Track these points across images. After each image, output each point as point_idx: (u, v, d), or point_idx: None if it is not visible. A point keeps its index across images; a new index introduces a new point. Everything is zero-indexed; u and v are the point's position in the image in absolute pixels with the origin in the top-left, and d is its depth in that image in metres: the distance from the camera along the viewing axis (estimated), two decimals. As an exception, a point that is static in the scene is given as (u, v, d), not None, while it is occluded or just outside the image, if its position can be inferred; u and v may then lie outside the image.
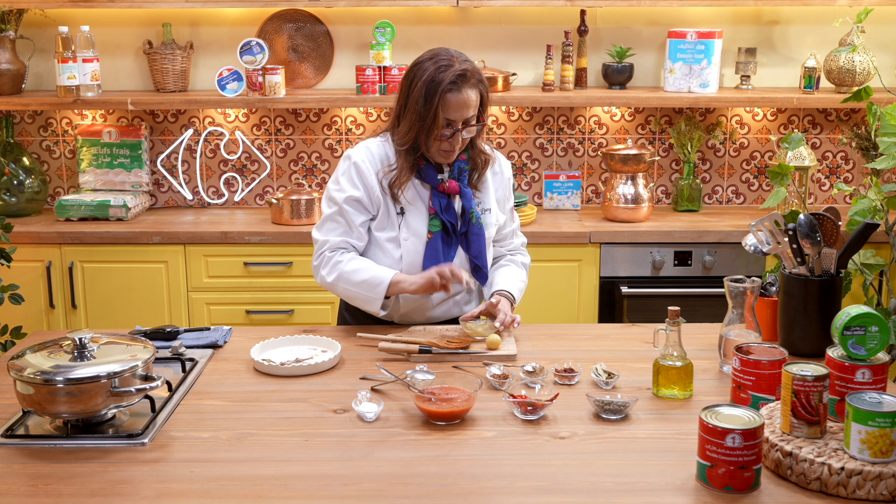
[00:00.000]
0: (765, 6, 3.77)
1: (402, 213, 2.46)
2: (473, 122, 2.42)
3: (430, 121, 2.36)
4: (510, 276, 2.58)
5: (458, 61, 2.38)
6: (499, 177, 2.60)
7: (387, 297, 2.42)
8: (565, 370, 2.11)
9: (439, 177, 2.46)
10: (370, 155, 2.46)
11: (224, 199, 3.97)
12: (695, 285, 3.53)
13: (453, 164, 2.47)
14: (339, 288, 2.45)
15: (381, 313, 2.44)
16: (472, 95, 2.38)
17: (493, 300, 2.44)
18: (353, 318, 2.59)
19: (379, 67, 3.70)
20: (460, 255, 2.48)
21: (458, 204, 2.48)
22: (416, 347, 2.25)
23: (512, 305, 2.49)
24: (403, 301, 2.48)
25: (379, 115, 3.92)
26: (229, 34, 3.86)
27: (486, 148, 2.56)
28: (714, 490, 1.61)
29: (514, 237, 2.69)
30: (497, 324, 2.34)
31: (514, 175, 3.95)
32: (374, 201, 2.45)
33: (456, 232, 2.46)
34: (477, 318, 2.39)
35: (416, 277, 2.39)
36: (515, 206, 3.57)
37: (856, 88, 3.51)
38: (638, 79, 3.89)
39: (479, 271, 2.50)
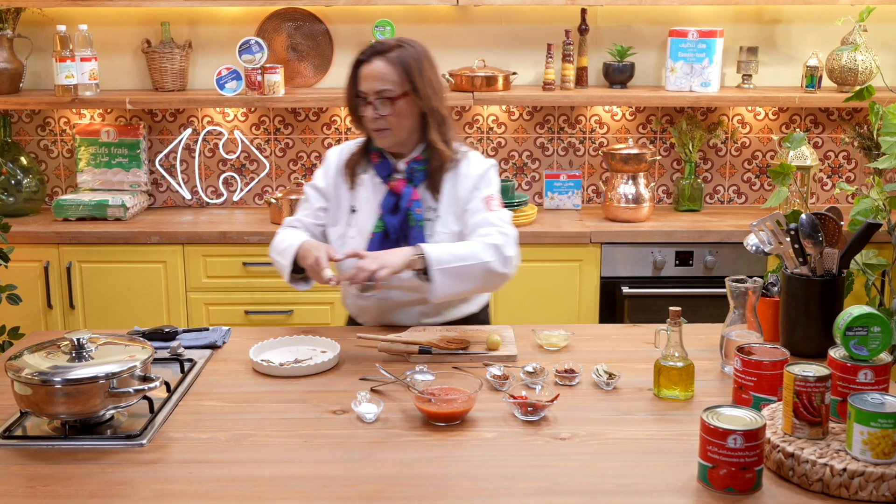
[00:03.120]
0: (766, 5, 3.76)
1: (354, 211, 2.46)
2: (388, 96, 2.33)
3: (347, 95, 2.40)
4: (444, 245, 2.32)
5: (389, 40, 2.39)
6: (462, 178, 2.41)
7: (305, 273, 2.38)
8: (566, 371, 2.10)
9: (390, 175, 2.42)
10: (340, 150, 2.53)
11: (223, 199, 3.96)
12: (696, 285, 3.52)
13: (409, 163, 2.41)
14: (272, 259, 2.48)
15: (300, 287, 2.43)
16: (382, 67, 2.33)
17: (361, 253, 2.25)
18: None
19: (379, 66, 3.69)
20: None
21: None
22: (416, 348, 2.24)
23: (424, 271, 2.25)
24: (351, 302, 2.51)
25: (379, 115, 3.91)
26: (228, 33, 3.85)
27: (456, 146, 2.44)
28: (715, 491, 1.60)
29: (485, 226, 2.36)
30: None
31: (515, 175, 3.94)
32: (330, 191, 2.49)
33: (400, 235, 2.38)
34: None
35: (313, 252, 2.30)
36: (517, 205, 3.58)
37: (858, 87, 3.50)
38: (639, 78, 3.88)
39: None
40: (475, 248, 2.29)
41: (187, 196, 3.93)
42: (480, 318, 2.59)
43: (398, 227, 2.39)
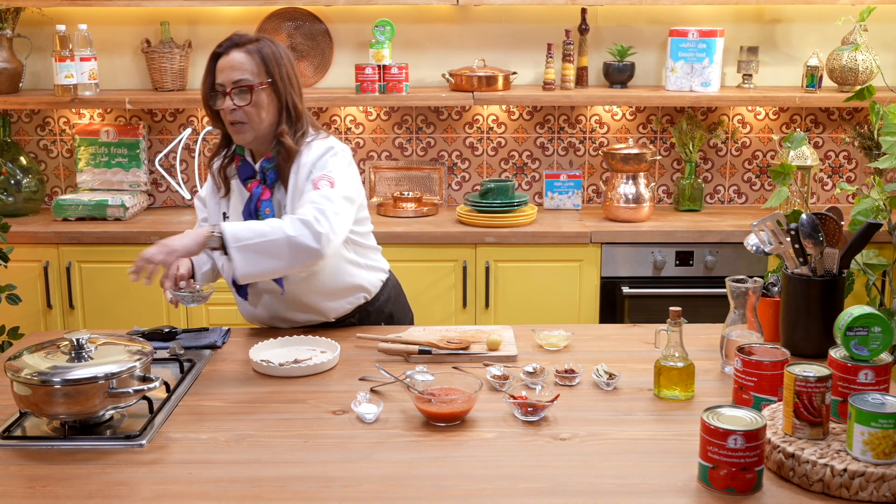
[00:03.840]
0: (767, 5, 3.76)
1: (226, 218, 2.43)
2: (246, 85, 2.28)
3: (203, 89, 2.35)
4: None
5: (249, 34, 2.36)
6: (301, 168, 2.32)
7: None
8: (566, 371, 2.10)
9: (251, 177, 2.39)
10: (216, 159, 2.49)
11: (223, 199, 3.96)
12: (696, 285, 3.52)
13: (261, 162, 2.36)
14: None
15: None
16: (240, 57, 2.30)
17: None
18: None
19: (378, 66, 3.69)
20: None
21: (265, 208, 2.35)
22: (416, 348, 2.24)
23: (224, 247, 2.15)
24: (242, 312, 2.51)
25: (378, 115, 3.91)
26: (228, 33, 3.79)
27: (311, 138, 2.37)
28: (716, 492, 1.60)
29: (304, 205, 2.25)
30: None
31: (515, 175, 3.94)
32: (209, 200, 2.49)
33: None
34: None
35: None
36: (517, 205, 3.58)
37: (858, 87, 3.50)
38: (639, 78, 3.87)
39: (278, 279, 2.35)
40: (280, 223, 2.18)
41: (187, 196, 3.93)
42: (363, 318, 2.51)
43: None
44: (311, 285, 2.37)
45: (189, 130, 3.87)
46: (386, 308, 2.55)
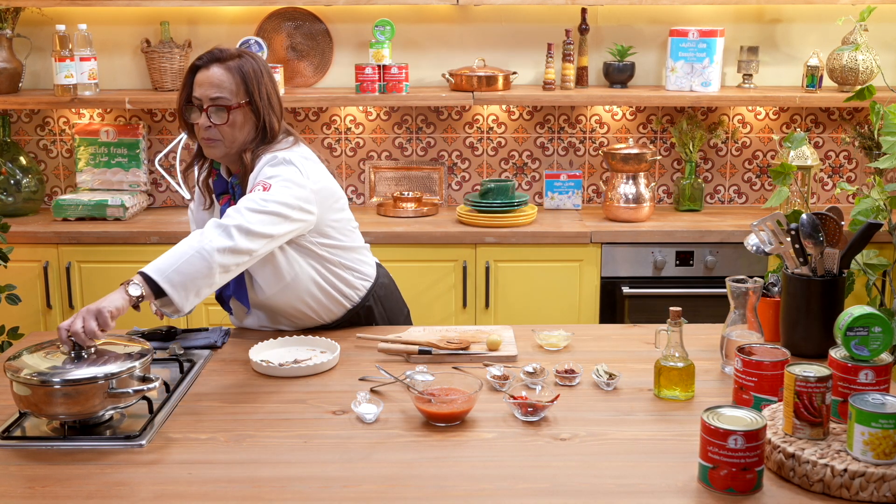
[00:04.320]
0: (767, 5, 3.76)
1: None
2: (223, 104, 2.24)
3: (178, 100, 2.31)
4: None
5: (231, 49, 2.30)
6: (249, 185, 2.28)
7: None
8: (566, 371, 2.10)
9: (222, 193, 2.37)
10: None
11: (223, 199, 3.96)
12: (696, 285, 3.51)
13: (231, 178, 2.35)
14: None
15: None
16: (219, 74, 2.24)
17: None
18: None
19: (378, 66, 3.69)
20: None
21: None
22: (416, 348, 2.24)
23: (157, 292, 2.03)
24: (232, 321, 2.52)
25: (378, 115, 3.91)
26: (228, 32, 3.85)
27: (265, 154, 2.29)
28: (716, 492, 1.60)
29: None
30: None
31: (515, 175, 3.94)
32: (196, 212, 2.50)
33: None
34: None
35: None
36: (517, 205, 3.57)
37: (858, 87, 3.50)
38: (639, 77, 3.87)
39: (242, 297, 2.37)
40: (192, 236, 2.13)
41: (187, 196, 3.92)
42: (354, 320, 2.48)
43: None
44: (291, 295, 2.36)
45: (189, 130, 3.87)
46: (376, 307, 2.52)
